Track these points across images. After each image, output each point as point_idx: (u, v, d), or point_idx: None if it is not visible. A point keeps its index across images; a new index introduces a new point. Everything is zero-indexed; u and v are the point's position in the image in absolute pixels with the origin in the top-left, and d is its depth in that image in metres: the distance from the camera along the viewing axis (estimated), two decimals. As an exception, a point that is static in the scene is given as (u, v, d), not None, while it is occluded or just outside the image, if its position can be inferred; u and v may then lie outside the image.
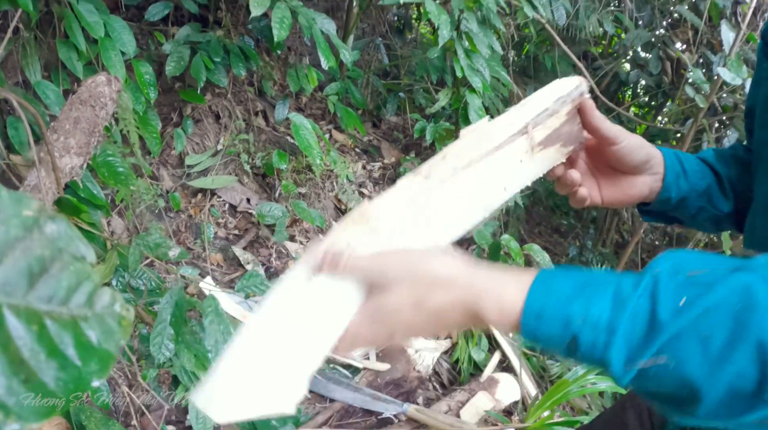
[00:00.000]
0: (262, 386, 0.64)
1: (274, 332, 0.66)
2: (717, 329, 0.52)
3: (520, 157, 0.81)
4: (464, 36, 2.99)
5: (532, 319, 0.59)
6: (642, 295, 0.55)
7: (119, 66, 2.44)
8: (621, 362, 0.55)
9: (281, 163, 2.89)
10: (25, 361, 0.28)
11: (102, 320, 0.32)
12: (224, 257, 2.67)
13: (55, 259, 0.31)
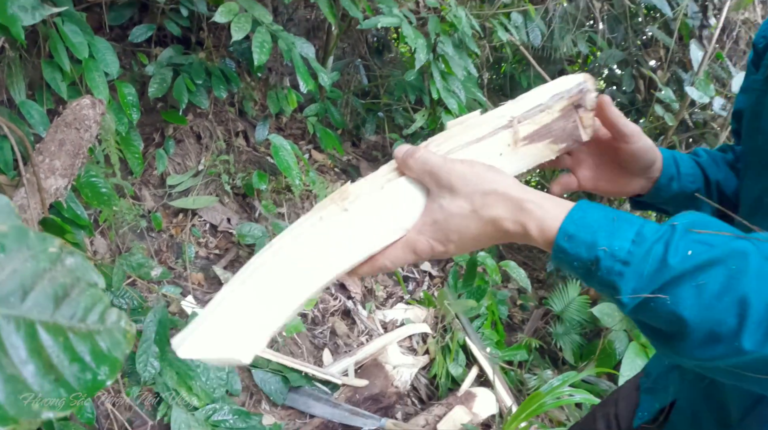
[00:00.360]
0: (230, 332, 0.70)
1: (254, 284, 0.73)
2: (712, 281, 0.62)
3: (501, 150, 0.82)
4: (440, 59, 3.10)
5: (564, 239, 0.68)
6: (659, 239, 0.65)
7: (103, 87, 2.49)
8: (629, 290, 0.65)
9: (261, 183, 2.97)
10: (54, 365, 0.36)
11: (111, 333, 0.40)
12: (205, 277, 2.73)
13: (74, 286, 0.39)
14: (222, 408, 2.08)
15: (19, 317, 0.36)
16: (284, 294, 0.73)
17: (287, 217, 3.15)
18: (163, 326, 1.91)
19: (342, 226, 0.76)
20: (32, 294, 0.37)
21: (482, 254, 3.46)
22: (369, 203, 0.77)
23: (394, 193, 0.78)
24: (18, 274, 0.37)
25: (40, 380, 0.35)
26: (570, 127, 0.85)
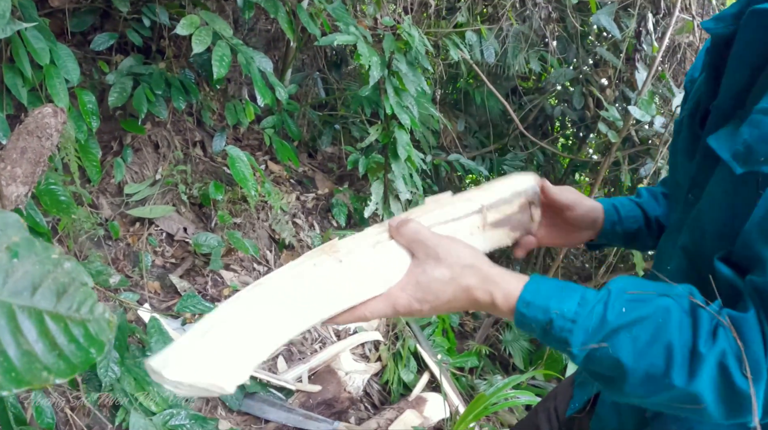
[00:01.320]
0: (217, 360, 0.75)
1: (244, 316, 0.80)
2: (643, 332, 0.79)
3: (471, 231, 1.00)
4: (394, 75, 3.22)
5: (524, 306, 0.85)
6: (599, 301, 0.83)
7: (63, 94, 2.53)
8: (578, 343, 0.82)
9: (217, 194, 3.05)
10: (57, 344, 0.47)
11: (99, 322, 0.51)
12: (161, 285, 2.80)
13: (71, 284, 0.49)
14: (179, 413, 2.15)
15: (30, 307, 0.46)
16: (272, 329, 0.81)
17: (243, 227, 3.24)
18: (122, 332, 1.99)
19: (334, 274, 0.86)
20: (40, 290, 0.47)
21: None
22: (361, 258, 0.89)
23: (384, 253, 0.90)
24: (28, 274, 0.47)
25: (48, 355, 0.46)
26: (524, 220, 1.09)
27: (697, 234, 0.99)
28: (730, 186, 0.88)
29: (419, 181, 3.77)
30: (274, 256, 3.33)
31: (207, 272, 2.96)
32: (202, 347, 0.76)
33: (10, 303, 0.45)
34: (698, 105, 1.05)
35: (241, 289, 2.45)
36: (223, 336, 0.78)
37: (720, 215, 0.91)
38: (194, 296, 2.12)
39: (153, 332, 1.95)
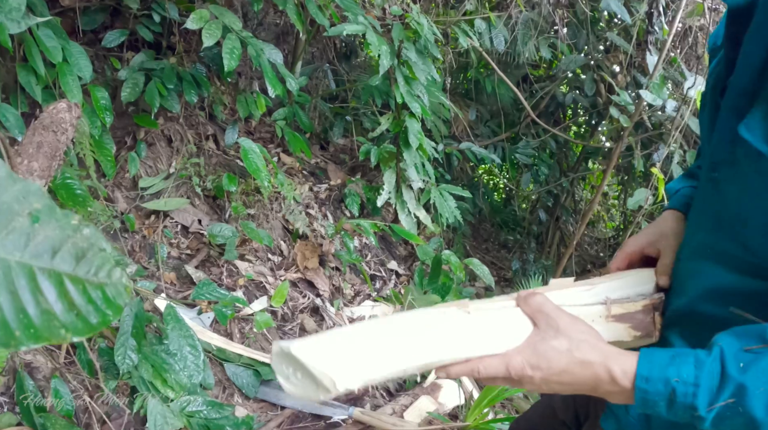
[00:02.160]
0: (338, 358, 0.83)
1: (372, 333, 0.88)
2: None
3: (594, 319, 1.02)
4: (404, 64, 3.25)
5: (643, 382, 0.85)
6: (714, 359, 0.82)
7: (76, 91, 2.58)
8: (705, 405, 0.81)
9: (231, 185, 3.09)
10: (76, 305, 0.50)
11: (116, 286, 0.54)
12: (177, 276, 2.85)
13: (89, 249, 0.53)
14: (196, 400, 2.20)
15: (51, 269, 0.50)
16: (393, 355, 0.87)
17: (256, 218, 3.28)
18: (139, 319, 2.03)
19: (460, 324, 0.93)
20: (59, 253, 0.50)
21: (447, 251, 3.61)
22: (488, 316, 0.96)
23: (509, 317, 0.96)
24: (49, 238, 0.50)
25: (66, 314, 0.49)
26: (647, 322, 1.06)
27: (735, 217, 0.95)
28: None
29: (432, 170, 3.79)
30: (288, 246, 3.37)
31: (222, 262, 3.00)
32: (330, 344, 0.85)
33: (30, 265, 0.49)
34: (719, 78, 1.02)
35: (256, 278, 2.50)
36: (351, 344, 0.86)
37: (763, 204, 0.88)
38: (209, 283, 2.16)
39: (169, 319, 1.99)
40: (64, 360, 2.19)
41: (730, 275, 0.94)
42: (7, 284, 0.47)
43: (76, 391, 2.15)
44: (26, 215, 0.50)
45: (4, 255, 0.48)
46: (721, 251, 0.96)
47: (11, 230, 0.49)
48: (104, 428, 2.15)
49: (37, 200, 0.51)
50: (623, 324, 1.04)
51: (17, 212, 0.50)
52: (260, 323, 2.67)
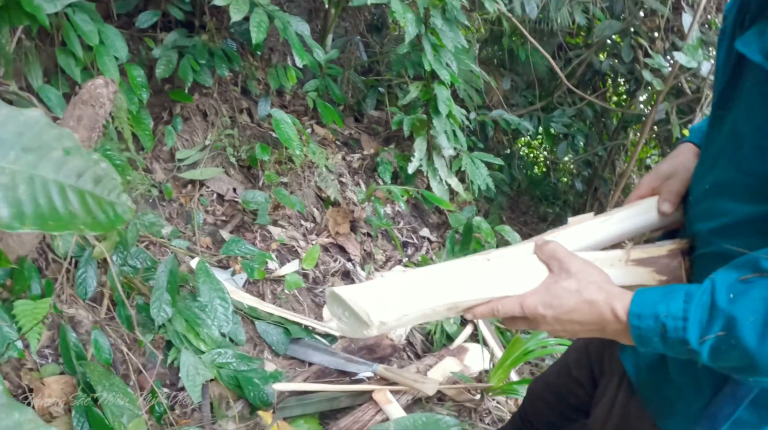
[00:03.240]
0: (376, 297, 0.99)
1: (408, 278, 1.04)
2: (759, 312, 0.81)
3: (612, 262, 1.08)
4: (431, 32, 3.37)
5: (635, 318, 0.92)
6: (704, 292, 0.87)
7: (113, 70, 2.78)
8: (696, 339, 0.86)
9: (264, 155, 3.29)
10: (93, 212, 0.68)
11: (122, 205, 0.72)
12: (213, 241, 3.06)
13: (104, 176, 0.71)
14: (226, 352, 2.41)
15: (76, 187, 0.68)
16: (425, 295, 1.01)
17: (289, 186, 3.47)
18: (173, 276, 2.24)
19: (483, 269, 1.07)
20: (83, 177, 0.68)
21: (478, 218, 3.75)
22: (507, 262, 1.08)
23: (527, 262, 1.08)
24: (76, 167, 0.68)
25: (85, 216, 0.67)
26: (673, 266, 1.09)
27: (733, 143, 0.99)
28: (765, 85, 0.88)
29: (463, 138, 3.92)
30: (320, 212, 3.56)
31: (255, 227, 3.21)
32: (370, 288, 1.02)
33: (62, 182, 0.67)
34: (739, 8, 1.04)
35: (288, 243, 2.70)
36: (387, 287, 1.02)
37: (756, 120, 0.91)
38: (239, 240, 2.37)
39: (200, 273, 2.20)
40: (105, 315, 2.42)
41: (732, 204, 0.98)
42: (45, 192, 0.65)
43: (114, 343, 2.37)
44: (61, 149, 0.68)
45: (44, 174, 0.66)
46: (723, 182, 1.01)
47: (50, 159, 0.67)
48: (140, 377, 2.38)
49: (68, 141, 0.69)
50: (645, 268, 1.09)
51: (54, 147, 0.68)
52: (291, 283, 2.87)
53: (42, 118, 0.71)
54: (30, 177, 0.67)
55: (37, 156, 0.69)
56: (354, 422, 2.41)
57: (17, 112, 0.71)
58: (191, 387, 2.31)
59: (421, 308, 1.01)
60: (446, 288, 1.03)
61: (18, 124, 0.69)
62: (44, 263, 2.48)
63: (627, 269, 1.08)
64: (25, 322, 2.05)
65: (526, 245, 1.12)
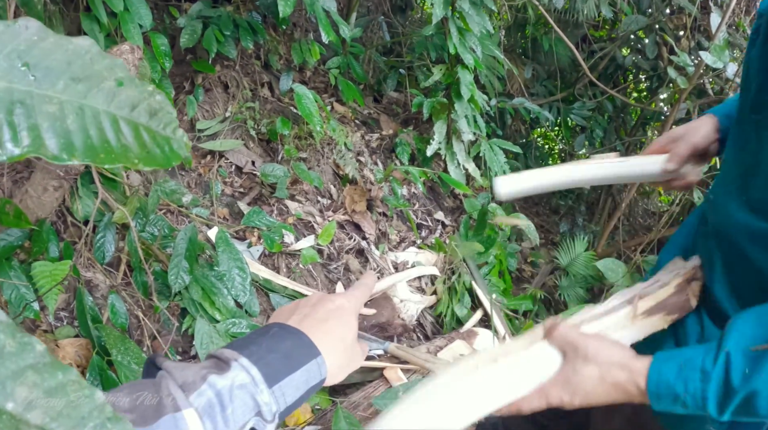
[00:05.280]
0: None
1: (426, 403, 0.95)
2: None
3: (623, 324, 1.06)
4: (458, 15, 3.34)
5: (655, 398, 0.94)
6: (719, 370, 0.89)
7: (137, 38, 2.76)
8: (717, 413, 0.89)
9: (284, 129, 3.27)
10: (147, 146, 0.66)
11: (178, 141, 0.70)
12: (230, 212, 3.05)
13: (160, 110, 0.69)
14: (240, 322, 2.41)
15: (129, 119, 0.66)
16: (445, 418, 0.94)
17: (308, 161, 3.46)
18: (192, 243, 2.24)
19: (495, 377, 0.99)
20: (137, 109, 0.67)
21: (493, 205, 3.74)
22: (517, 360, 1.01)
23: (538, 353, 1.02)
24: (129, 98, 0.67)
25: (139, 150, 0.65)
26: (682, 301, 1.09)
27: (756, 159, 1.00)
28: None
29: (483, 124, 3.89)
30: (337, 190, 3.54)
31: (273, 201, 3.20)
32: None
33: (114, 113, 0.65)
34: None
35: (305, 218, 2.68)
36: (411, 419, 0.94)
37: None
38: (260, 211, 2.36)
39: (220, 242, 2.19)
40: (121, 280, 2.42)
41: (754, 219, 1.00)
42: (96, 124, 0.64)
43: (130, 309, 2.37)
44: (113, 80, 0.67)
45: (95, 105, 0.65)
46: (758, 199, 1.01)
47: (101, 89, 0.66)
48: (154, 343, 2.38)
49: (121, 71, 0.67)
50: (655, 316, 1.09)
51: (106, 77, 0.67)
52: (306, 257, 2.86)
53: (93, 47, 0.69)
54: (80, 107, 0.65)
55: (87, 86, 0.67)
56: (365, 397, 2.42)
57: (66, 40, 0.69)
58: (205, 355, 2.31)
59: (443, 426, 0.95)
60: (462, 406, 0.97)
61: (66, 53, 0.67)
62: (62, 226, 2.48)
63: (638, 325, 1.07)
64: (43, 283, 2.04)
65: (533, 333, 1.08)
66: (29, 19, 0.67)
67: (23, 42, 0.66)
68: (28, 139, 0.59)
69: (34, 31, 0.68)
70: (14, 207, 2.08)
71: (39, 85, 0.64)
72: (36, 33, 0.67)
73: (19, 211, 2.07)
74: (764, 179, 0.95)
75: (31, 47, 0.66)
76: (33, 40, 0.66)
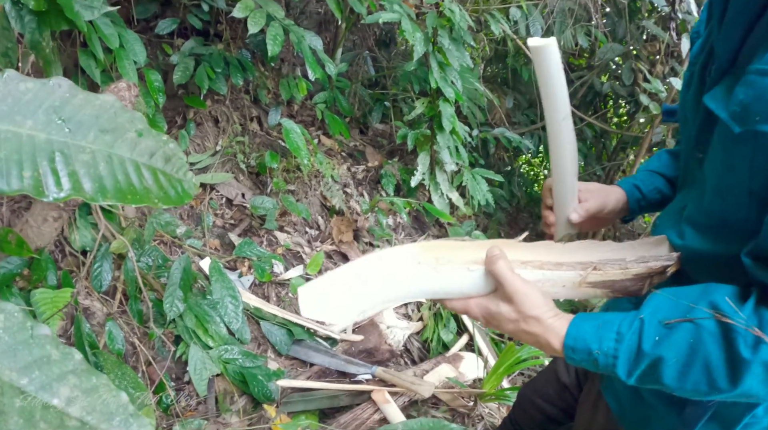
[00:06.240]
0: (332, 305, 1.05)
1: (373, 270, 1.08)
2: (679, 355, 0.92)
3: (565, 283, 1.11)
4: (439, 51, 3.52)
5: (570, 352, 1.02)
6: (633, 333, 0.96)
7: (132, 74, 2.90)
8: (624, 374, 0.97)
9: (273, 162, 3.43)
10: (163, 187, 0.81)
11: (189, 182, 0.85)
12: (221, 243, 3.19)
13: (173, 156, 0.84)
14: (232, 349, 2.54)
15: (149, 165, 0.81)
16: (376, 293, 1.08)
17: (296, 193, 3.61)
18: (186, 273, 2.37)
19: (430, 276, 1.10)
20: (155, 156, 0.82)
21: (476, 232, 3.89)
22: (455, 271, 1.11)
23: (475, 274, 1.11)
24: (149, 147, 0.82)
25: (158, 191, 0.80)
26: (633, 288, 1.12)
27: (701, 185, 1.07)
28: (729, 143, 0.94)
29: (465, 154, 4.06)
30: (324, 221, 3.69)
31: (263, 232, 3.34)
32: (327, 291, 1.07)
33: (136, 160, 0.80)
34: (704, 62, 1.10)
35: (293, 248, 2.83)
36: (343, 286, 1.07)
37: (718, 170, 0.98)
38: (251, 242, 2.50)
39: (214, 272, 2.33)
40: (117, 308, 2.55)
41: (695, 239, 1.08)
42: (123, 169, 0.78)
43: (126, 336, 2.49)
44: (134, 131, 0.82)
45: (121, 153, 0.79)
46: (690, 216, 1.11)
47: (125, 139, 0.81)
48: (149, 369, 2.50)
49: (140, 123, 0.82)
50: (600, 290, 1.12)
51: (128, 129, 0.82)
52: (295, 286, 3.00)
53: (116, 102, 0.84)
54: (109, 155, 0.80)
55: (113, 137, 0.81)
56: (353, 419, 2.54)
57: (93, 97, 0.83)
58: (198, 381, 2.44)
59: (374, 305, 1.09)
60: (395, 289, 1.09)
61: (94, 108, 0.82)
62: (60, 255, 2.61)
63: (580, 290, 1.12)
64: (44, 309, 2.17)
65: (479, 249, 1.12)
66: (61, 78, 0.83)
67: (58, 99, 0.81)
68: (68, 184, 0.74)
69: (66, 89, 0.83)
70: (16, 236, 2.21)
71: (73, 136, 0.79)
72: (68, 91, 0.82)
73: (21, 240, 2.20)
74: (708, 205, 1.04)
75: (64, 103, 0.81)
76: (66, 97, 0.82)
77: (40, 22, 2.17)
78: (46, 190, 0.72)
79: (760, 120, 0.86)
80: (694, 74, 1.13)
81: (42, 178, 0.72)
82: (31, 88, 0.79)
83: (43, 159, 0.74)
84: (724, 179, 0.97)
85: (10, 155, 0.72)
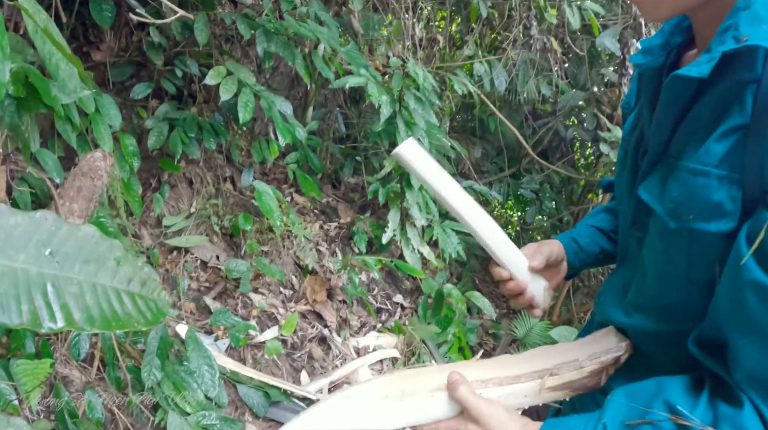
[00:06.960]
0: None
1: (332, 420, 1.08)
2: None
3: (527, 393, 1.12)
4: (405, 110, 3.66)
5: None
6: None
7: (108, 138, 2.94)
8: None
9: (246, 224, 3.52)
10: (141, 310, 0.91)
11: (162, 301, 0.95)
12: (197, 306, 3.26)
13: (148, 279, 0.94)
14: (210, 415, 2.60)
15: (128, 290, 0.91)
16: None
17: (269, 254, 3.70)
18: (163, 341, 2.44)
19: (398, 409, 1.10)
20: (132, 282, 0.91)
21: (449, 286, 3.99)
22: (421, 401, 1.11)
23: (439, 401, 1.11)
24: (127, 273, 0.91)
25: (137, 315, 0.89)
26: (591, 384, 1.14)
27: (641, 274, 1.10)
28: (665, 235, 0.97)
29: (435, 208, 4.18)
30: (298, 280, 3.78)
31: (237, 294, 3.42)
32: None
33: (117, 288, 0.89)
34: (639, 140, 1.12)
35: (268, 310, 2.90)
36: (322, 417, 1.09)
37: (657, 259, 1.02)
38: (225, 311, 2.58)
39: (190, 341, 2.41)
40: (95, 376, 2.60)
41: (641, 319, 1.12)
42: (106, 298, 0.88)
43: (105, 404, 2.54)
44: (113, 259, 0.91)
45: (104, 282, 0.89)
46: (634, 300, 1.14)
47: (106, 268, 0.90)
48: (130, 437, 2.55)
49: (118, 251, 0.92)
50: (561, 392, 1.14)
51: (108, 258, 0.91)
52: (271, 349, 3.07)
53: (96, 232, 0.94)
54: (93, 285, 0.89)
55: (95, 266, 0.91)
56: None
57: (75, 228, 0.92)
58: (176, 448, 2.49)
59: None
60: (368, 426, 1.09)
61: (78, 240, 0.91)
62: (38, 326, 2.66)
63: (541, 396, 1.13)
64: (25, 381, 2.22)
65: (441, 376, 1.14)
66: (47, 212, 0.92)
67: (45, 232, 0.90)
68: (62, 317, 0.83)
69: (51, 222, 0.91)
70: (-6, 311, 2.26)
71: (62, 268, 0.88)
72: (53, 224, 0.91)
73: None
74: (649, 289, 1.08)
75: (51, 236, 0.90)
76: (52, 230, 0.91)
77: (19, 107, 2.26)
78: (43, 324, 0.81)
79: (694, 218, 0.89)
80: (628, 153, 1.16)
81: (38, 311, 0.81)
82: (21, 222, 0.87)
83: (37, 292, 0.83)
84: (663, 268, 1.01)
85: (8, 290, 0.81)
